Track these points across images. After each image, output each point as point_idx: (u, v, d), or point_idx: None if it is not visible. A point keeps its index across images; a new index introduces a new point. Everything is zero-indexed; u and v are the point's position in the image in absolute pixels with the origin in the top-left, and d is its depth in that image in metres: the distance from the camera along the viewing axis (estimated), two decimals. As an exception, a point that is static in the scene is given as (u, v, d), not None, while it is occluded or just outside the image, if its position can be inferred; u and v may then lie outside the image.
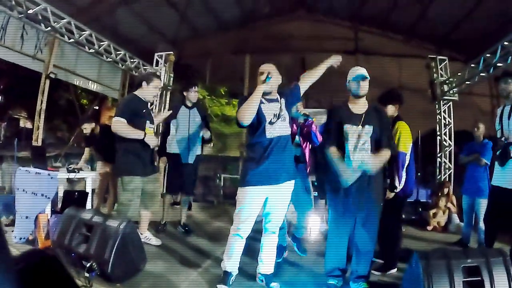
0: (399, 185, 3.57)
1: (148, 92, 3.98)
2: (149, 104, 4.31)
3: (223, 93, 10.32)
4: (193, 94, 4.91)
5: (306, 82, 3.30)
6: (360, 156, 3.07)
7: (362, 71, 3.20)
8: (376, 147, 3.14)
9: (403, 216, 6.82)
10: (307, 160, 3.95)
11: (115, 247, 3.12)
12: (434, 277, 2.54)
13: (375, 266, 3.73)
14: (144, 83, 3.98)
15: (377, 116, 3.23)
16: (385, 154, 3.15)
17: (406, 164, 3.63)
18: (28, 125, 14.66)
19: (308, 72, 3.36)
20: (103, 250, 3.15)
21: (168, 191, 5.13)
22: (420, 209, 7.13)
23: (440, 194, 6.33)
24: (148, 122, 3.96)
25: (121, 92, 9.78)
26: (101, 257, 3.14)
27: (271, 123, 3.06)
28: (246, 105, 2.99)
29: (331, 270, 3.31)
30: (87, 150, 5.69)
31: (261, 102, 3.06)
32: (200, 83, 10.63)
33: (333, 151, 3.17)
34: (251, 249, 3.45)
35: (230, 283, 3.16)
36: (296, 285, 3.45)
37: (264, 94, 3.08)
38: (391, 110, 3.80)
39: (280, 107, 3.14)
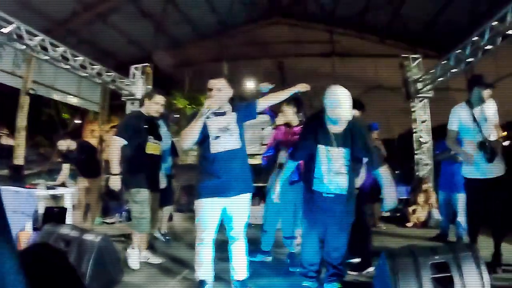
0: (359, 180, 3.65)
1: (150, 107, 4.09)
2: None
3: (203, 101, 10.29)
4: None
5: (266, 102, 3.24)
6: (336, 179, 2.99)
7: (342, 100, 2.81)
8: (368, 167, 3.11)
9: (389, 214, 6.92)
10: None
11: (91, 260, 3.16)
12: (401, 275, 2.54)
13: (351, 266, 3.80)
14: (146, 100, 4.14)
15: (356, 133, 3.00)
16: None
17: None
18: (11, 142, 14.51)
19: (273, 94, 3.30)
20: (80, 264, 3.18)
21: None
22: (400, 206, 7.21)
23: (418, 191, 6.45)
24: (151, 138, 4.05)
25: (101, 105, 9.80)
26: (78, 271, 3.18)
27: (216, 138, 3.01)
28: (186, 131, 2.97)
29: (305, 271, 3.34)
30: (66, 166, 5.69)
31: (207, 117, 2.97)
32: (180, 93, 10.67)
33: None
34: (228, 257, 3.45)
35: None
36: (270, 288, 3.49)
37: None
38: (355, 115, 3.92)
39: (229, 120, 3.08)
